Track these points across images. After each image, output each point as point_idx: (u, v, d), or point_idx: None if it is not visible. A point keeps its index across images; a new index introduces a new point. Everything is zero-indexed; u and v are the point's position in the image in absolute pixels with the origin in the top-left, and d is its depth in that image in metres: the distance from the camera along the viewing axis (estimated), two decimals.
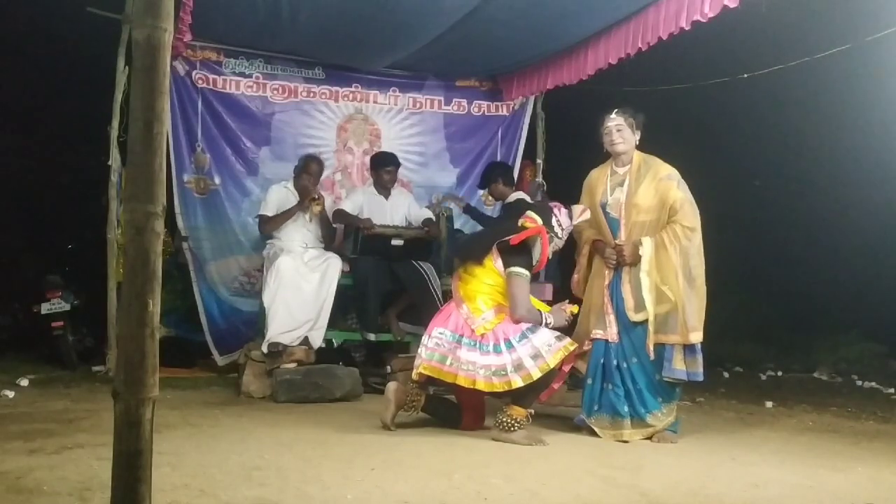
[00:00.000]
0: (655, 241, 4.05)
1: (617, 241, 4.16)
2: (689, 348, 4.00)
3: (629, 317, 4.08)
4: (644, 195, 4.10)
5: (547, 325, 3.93)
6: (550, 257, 4.18)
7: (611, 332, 4.13)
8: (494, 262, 3.98)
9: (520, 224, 4.06)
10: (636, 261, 4.06)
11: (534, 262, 4.04)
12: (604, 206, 4.22)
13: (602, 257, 4.22)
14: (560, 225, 4.12)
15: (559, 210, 4.15)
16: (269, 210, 5.51)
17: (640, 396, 4.05)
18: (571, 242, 4.35)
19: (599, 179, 4.29)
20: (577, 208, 4.19)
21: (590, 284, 4.30)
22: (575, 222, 4.17)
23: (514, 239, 3.94)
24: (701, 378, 4.04)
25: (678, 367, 3.99)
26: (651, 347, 4.02)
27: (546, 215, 4.10)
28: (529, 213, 4.12)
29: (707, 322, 4.07)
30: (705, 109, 7.36)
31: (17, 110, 7.69)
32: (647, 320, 4.02)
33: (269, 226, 5.51)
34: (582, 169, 4.46)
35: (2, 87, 7.17)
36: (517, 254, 3.96)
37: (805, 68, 5.44)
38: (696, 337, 3.98)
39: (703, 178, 4.33)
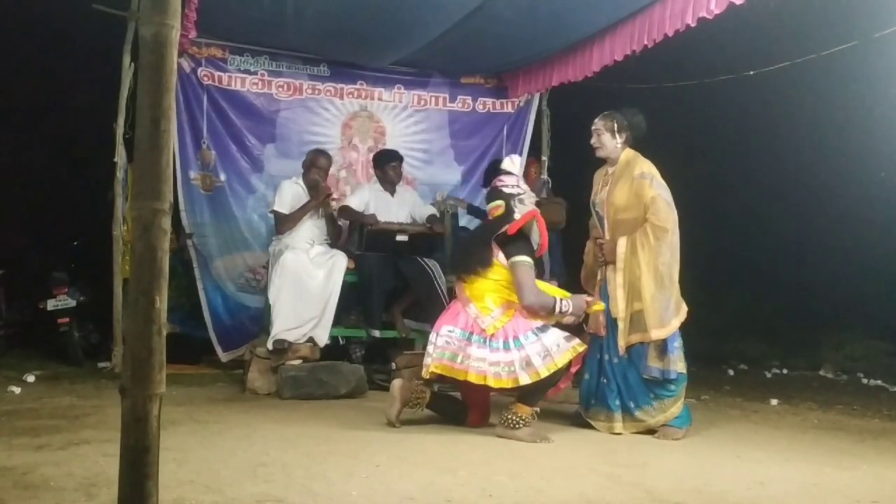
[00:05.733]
0: (631, 241, 4.09)
1: (598, 239, 4.26)
2: (661, 346, 4.03)
3: (612, 314, 4.13)
4: (619, 194, 4.17)
5: (562, 311, 3.91)
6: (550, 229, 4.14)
7: (602, 328, 4.19)
8: (497, 258, 3.98)
9: (494, 213, 4.06)
10: (614, 258, 4.12)
11: (535, 247, 4.04)
12: (594, 205, 4.32)
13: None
14: (517, 186, 4.07)
15: (499, 180, 4.10)
16: (284, 207, 5.44)
17: (629, 391, 4.10)
18: (579, 240, 4.32)
19: (596, 179, 4.39)
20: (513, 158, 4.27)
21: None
22: (517, 173, 4.15)
23: (511, 228, 3.93)
24: (673, 376, 4.03)
25: (653, 364, 4.03)
26: (622, 345, 4.07)
27: (502, 194, 4.05)
28: (492, 203, 4.10)
29: (711, 320, 4.09)
30: (711, 107, 7.33)
31: (22, 107, 7.70)
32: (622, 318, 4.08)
33: (287, 224, 5.42)
34: (587, 166, 4.47)
35: (7, 84, 7.18)
36: (516, 243, 3.95)
37: (811, 65, 5.41)
38: (658, 334, 4.01)
39: (707, 175, 4.33)
